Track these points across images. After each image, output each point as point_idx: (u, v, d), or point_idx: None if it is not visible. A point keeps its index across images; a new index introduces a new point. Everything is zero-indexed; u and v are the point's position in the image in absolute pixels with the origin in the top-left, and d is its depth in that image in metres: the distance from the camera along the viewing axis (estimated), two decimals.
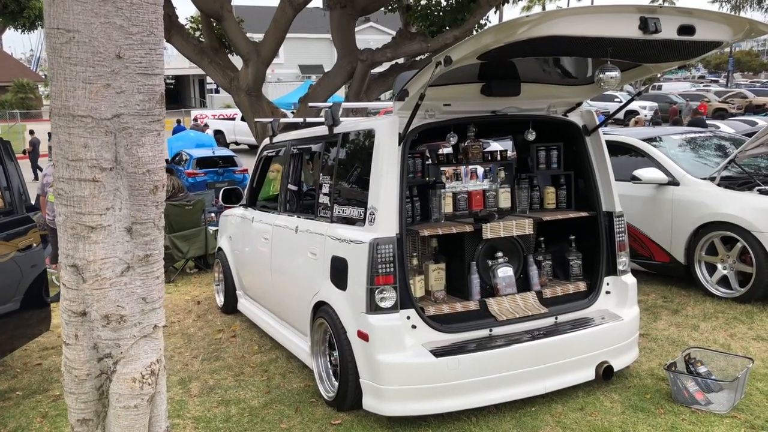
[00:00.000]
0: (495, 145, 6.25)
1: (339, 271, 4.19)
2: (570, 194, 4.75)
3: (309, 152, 5.16)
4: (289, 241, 5.11)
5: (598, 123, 4.54)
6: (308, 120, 5.84)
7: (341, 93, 13.69)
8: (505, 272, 4.32)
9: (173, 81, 59.21)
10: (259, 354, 5.56)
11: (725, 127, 13.03)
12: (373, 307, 3.83)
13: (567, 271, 4.70)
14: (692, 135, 7.78)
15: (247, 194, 6.43)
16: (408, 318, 3.92)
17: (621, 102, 20.27)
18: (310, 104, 6.24)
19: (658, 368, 4.76)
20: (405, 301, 3.91)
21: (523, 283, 4.47)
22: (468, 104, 4.19)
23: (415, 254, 4.36)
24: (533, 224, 4.37)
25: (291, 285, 5.13)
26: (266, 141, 6.14)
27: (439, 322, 4.02)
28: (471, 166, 4.66)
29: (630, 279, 4.60)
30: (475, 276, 4.25)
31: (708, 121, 15.68)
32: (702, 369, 4.30)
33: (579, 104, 4.56)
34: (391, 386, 3.79)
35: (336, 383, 4.21)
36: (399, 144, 3.94)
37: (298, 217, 5.10)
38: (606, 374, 4.24)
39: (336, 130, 4.56)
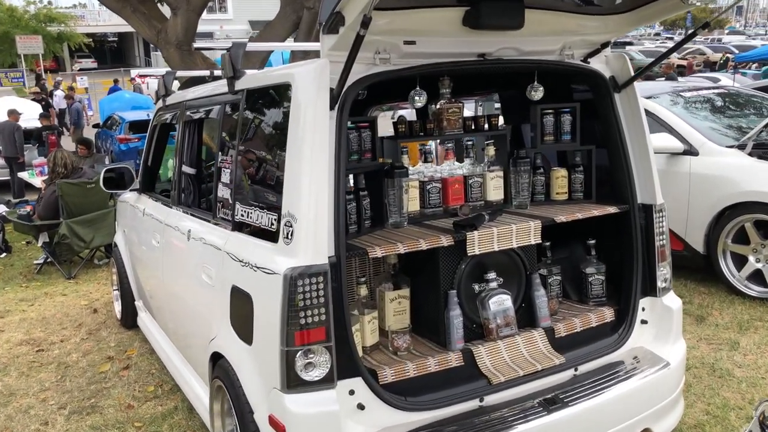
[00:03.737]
0: (481, 108, 4.66)
1: (241, 313, 2.64)
2: (590, 179, 3.26)
3: (207, 119, 3.52)
4: (180, 251, 3.51)
5: (632, 74, 3.03)
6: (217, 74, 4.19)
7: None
8: (500, 303, 2.83)
9: (116, 38, 55.30)
10: (154, 401, 4.00)
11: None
12: (293, 382, 2.30)
13: (585, 289, 3.24)
14: (707, 91, 6.37)
15: (140, 176, 4.76)
16: (351, 393, 2.41)
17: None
18: (196, 46, 4.56)
19: (705, 418, 3.40)
20: (345, 366, 2.39)
21: (526, 317, 3.00)
22: (442, 42, 2.63)
23: (363, 279, 2.83)
24: (540, 228, 2.88)
25: (185, 315, 3.56)
26: (159, 103, 4.45)
27: (401, 394, 2.52)
28: (446, 141, 3.13)
29: (675, 301, 3.18)
30: (456, 311, 2.75)
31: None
32: None
33: (606, 45, 3.04)
34: None
35: None
36: (331, 107, 2.37)
37: (192, 215, 3.49)
38: None
39: (238, 84, 2.94)
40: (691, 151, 5.42)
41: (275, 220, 2.47)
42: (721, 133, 5.60)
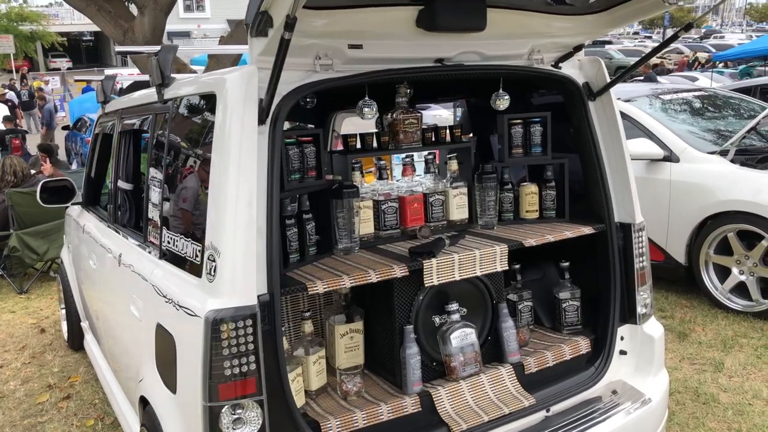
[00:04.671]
0: (442, 118, 4.35)
1: (165, 357, 2.30)
2: (562, 196, 2.97)
3: (140, 130, 3.17)
4: (111, 276, 3.17)
5: (608, 80, 2.74)
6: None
7: None
8: (463, 338, 2.53)
9: (92, 38, 54.21)
10: None
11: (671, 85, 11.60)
12: None
13: (558, 316, 2.96)
14: (687, 94, 6.14)
15: (84, 189, 4.40)
16: None
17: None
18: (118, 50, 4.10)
19: None
20: (281, 421, 2.07)
21: (492, 352, 2.70)
22: (394, 46, 2.31)
23: (308, 313, 2.51)
24: (507, 254, 2.58)
25: (119, 349, 3.22)
26: (100, 110, 4.09)
27: None
28: (402, 155, 2.82)
29: (656, 329, 2.89)
30: (413, 349, 2.44)
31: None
32: None
33: (579, 48, 2.75)
34: None
35: None
36: (261, 121, 2.04)
37: (125, 237, 3.14)
38: None
39: (167, 93, 2.60)
40: (671, 157, 5.17)
41: (200, 251, 2.14)
42: (702, 138, 5.36)
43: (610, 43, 35.63)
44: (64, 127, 16.84)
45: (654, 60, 28.84)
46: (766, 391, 3.69)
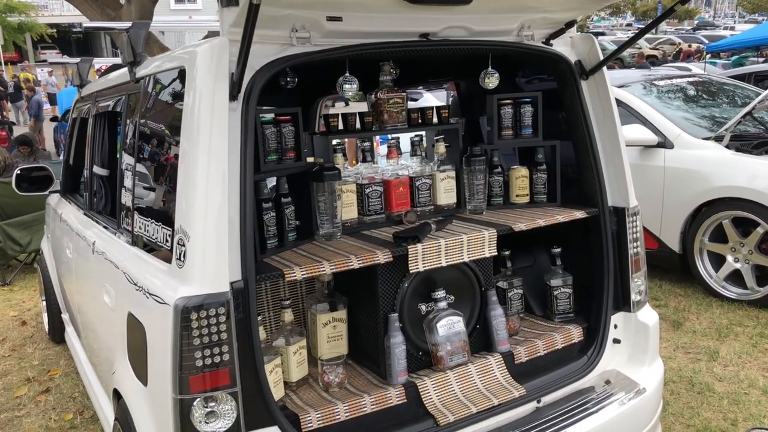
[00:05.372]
0: (428, 98, 4.24)
1: (136, 348, 2.19)
2: (554, 179, 2.86)
3: (114, 112, 3.04)
4: (86, 264, 3.05)
5: (601, 58, 2.63)
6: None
7: None
8: (450, 326, 2.42)
9: (81, 30, 53.64)
10: (70, 431, 3.53)
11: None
12: None
13: (550, 304, 2.86)
14: (681, 80, 6.03)
15: (62, 176, 4.26)
16: None
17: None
18: (86, 25, 3.98)
19: None
20: (257, 413, 1.96)
21: (481, 341, 2.59)
22: (375, 19, 2.19)
23: (288, 302, 2.39)
24: (496, 239, 2.47)
25: (95, 340, 3.11)
26: (77, 95, 3.95)
27: None
28: (388, 136, 2.70)
29: (651, 316, 2.80)
30: (398, 338, 2.33)
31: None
32: None
33: (570, 24, 2.63)
34: None
35: None
36: (233, 97, 1.92)
37: (99, 224, 3.02)
38: None
39: (139, 71, 2.47)
40: (665, 143, 5.08)
41: (169, 236, 2.03)
42: (696, 124, 5.26)
43: (603, 34, 35.55)
44: (53, 119, 16.60)
45: (648, 51, 28.79)
46: (762, 380, 3.61)
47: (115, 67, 4.49)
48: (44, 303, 5.05)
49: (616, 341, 2.75)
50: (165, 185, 2.14)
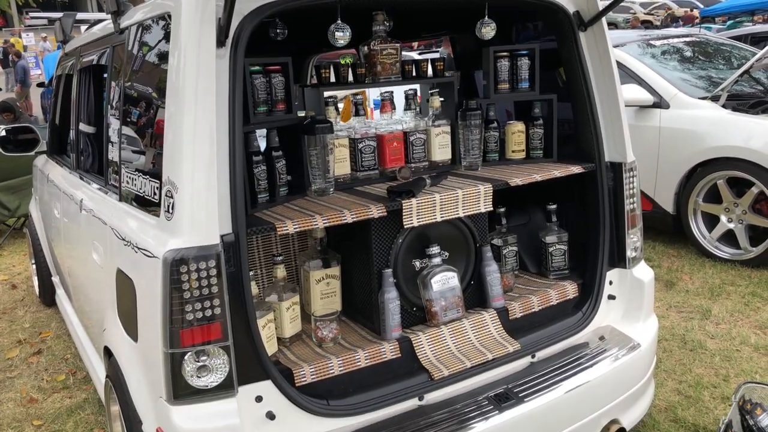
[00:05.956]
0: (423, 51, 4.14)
1: (126, 303, 2.16)
2: (550, 135, 2.81)
3: (98, 66, 2.95)
4: (74, 223, 3.00)
5: (600, 8, 2.56)
6: None
7: None
8: (444, 282, 2.40)
9: None
10: (62, 392, 3.52)
11: None
12: (181, 390, 1.84)
13: (545, 261, 2.83)
14: (678, 40, 5.94)
15: (48, 136, 4.18)
16: (258, 401, 1.97)
17: None
18: None
19: (677, 399, 3.07)
20: (250, 367, 1.94)
21: (475, 297, 2.57)
22: None
23: (280, 258, 2.35)
24: (491, 193, 2.43)
25: (85, 299, 3.07)
26: (60, 51, 3.85)
27: (323, 397, 2.09)
28: (381, 89, 2.64)
29: (646, 273, 2.79)
30: (392, 294, 2.31)
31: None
32: (767, 420, 2.61)
33: None
34: None
35: None
36: (221, 43, 1.85)
37: (86, 182, 2.96)
38: None
39: (123, 21, 2.39)
40: (661, 103, 5.02)
41: (157, 189, 1.97)
42: (693, 84, 5.21)
43: None
44: (39, 84, 16.29)
45: (643, 17, 28.37)
46: (754, 338, 3.63)
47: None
48: (34, 266, 5.00)
49: (611, 297, 2.74)
50: (152, 137, 2.08)
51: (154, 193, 2.00)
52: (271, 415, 1.97)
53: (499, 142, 2.82)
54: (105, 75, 2.72)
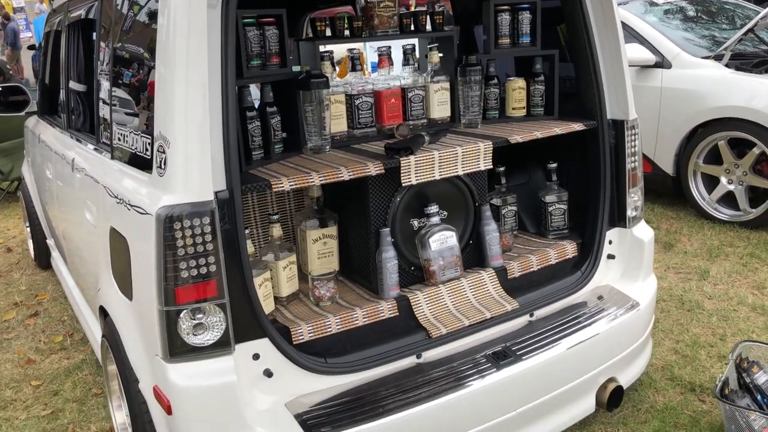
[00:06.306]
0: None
1: (120, 262, 2.13)
2: (551, 92, 2.75)
3: (88, 20, 2.86)
4: (66, 184, 2.95)
5: None
6: None
7: None
8: (443, 241, 2.37)
9: None
10: (60, 353, 3.52)
11: None
12: (177, 348, 1.83)
13: (544, 221, 2.81)
14: None
15: (39, 96, 4.09)
16: (256, 358, 1.96)
17: None
18: None
19: (674, 358, 3.08)
20: (246, 325, 1.92)
21: (474, 256, 2.55)
22: None
23: (276, 217, 2.32)
24: (491, 151, 2.38)
25: (80, 260, 3.05)
26: (47, 6, 3.73)
27: (321, 355, 2.08)
28: (378, 44, 2.56)
29: (646, 232, 2.76)
30: (389, 253, 2.28)
31: None
32: (764, 378, 2.62)
33: None
34: None
35: None
36: None
37: (78, 141, 2.90)
38: (613, 401, 2.49)
39: None
40: (663, 63, 4.94)
41: (149, 144, 1.92)
42: (696, 43, 5.11)
43: None
44: (30, 47, 16.01)
45: None
46: (751, 298, 3.63)
47: None
48: (28, 229, 4.97)
49: (611, 257, 2.72)
50: (143, 92, 2.02)
51: (146, 149, 1.95)
52: (268, 373, 1.96)
53: (499, 99, 2.76)
54: (93, 30, 2.64)
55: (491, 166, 2.40)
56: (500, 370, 2.17)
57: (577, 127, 2.58)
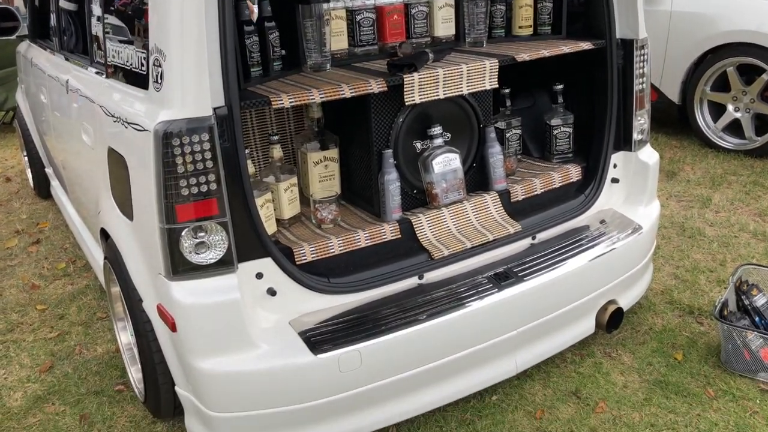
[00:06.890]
0: None
1: (119, 182, 2.10)
2: (559, 9, 2.66)
3: None
4: (62, 107, 2.88)
5: None
6: None
7: None
8: (446, 164, 2.33)
9: None
10: (64, 279, 3.54)
11: None
12: (180, 266, 1.82)
13: (549, 144, 2.77)
14: None
15: (29, 19, 3.96)
16: (259, 277, 1.96)
17: None
18: None
19: (673, 282, 3.10)
20: (249, 244, 1.91)
21: (477, 179, 2.52)
22: None
23: (276, 138, 2.27)
24: (497, 69, 2.31)
25: (78, 185, 3.02)
26: None
27: (324, 275, 2.08)
28: None
29: (651, 156, 2.73)
30: (392, 175, 2.25)
31: None
32: (763, 300, 2.65)
33: None
34: (228, 413, 1.92)
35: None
36: None
37: (72, 62, 2.82)
38: (612, 323, 2.52)
39: None
40: None
41: (145, 59, 1.86)
42: None
43: None
44: None
45: None
46: (753, 224, 3.63)
47: None
48: (26, 159, 4.92)
49: (615, 180, 2.70)
50: (136, 5, 1.94)
51: (142, 65, 1.89)
52: (272, 291, 1.97)
53: (506, 17, 2.66)
54: None
55: (497, 86, 2.33)
56: (502, 290, 2.18)
57: (586, 46, 2.50)
